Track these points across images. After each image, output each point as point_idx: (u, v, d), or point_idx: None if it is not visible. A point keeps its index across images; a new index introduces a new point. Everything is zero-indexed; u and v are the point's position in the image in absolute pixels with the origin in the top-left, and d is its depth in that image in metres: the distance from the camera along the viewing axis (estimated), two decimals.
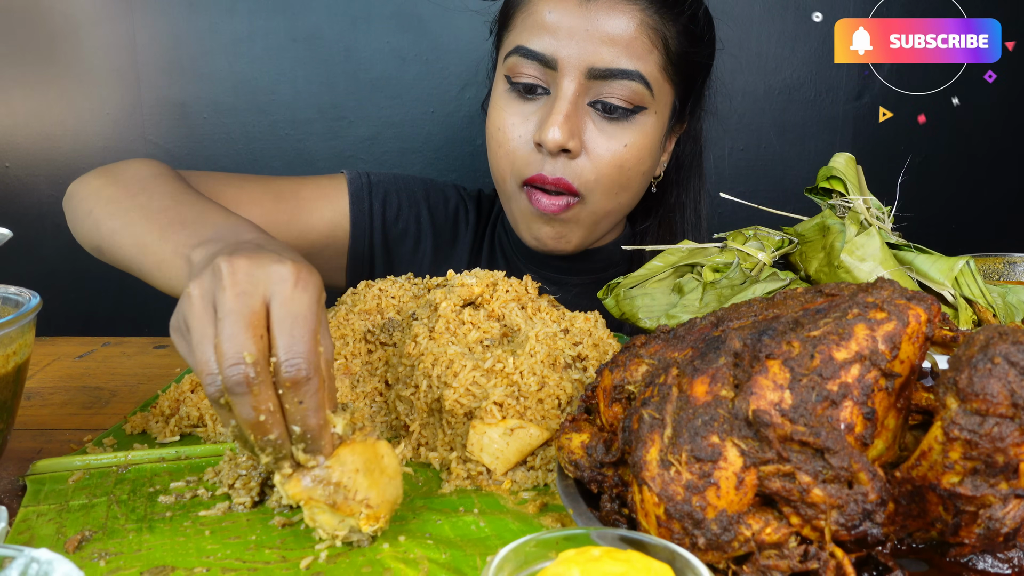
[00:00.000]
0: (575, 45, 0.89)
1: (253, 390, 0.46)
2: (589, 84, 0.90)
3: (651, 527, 0.43)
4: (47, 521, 0.55)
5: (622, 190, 0.96)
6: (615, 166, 0.93)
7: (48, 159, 1.64)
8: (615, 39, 0.89)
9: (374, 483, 0.50)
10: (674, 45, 0.93)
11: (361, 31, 1.59)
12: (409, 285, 0.83)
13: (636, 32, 0.90)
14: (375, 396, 0.72)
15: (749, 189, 1.68)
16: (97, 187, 0.83)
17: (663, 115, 0.96)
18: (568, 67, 0.89)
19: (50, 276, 1.64)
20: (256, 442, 0.48)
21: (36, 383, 0.85)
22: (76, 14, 1.57)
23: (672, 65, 0.94)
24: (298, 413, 0.48)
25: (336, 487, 0.49)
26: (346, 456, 0.50)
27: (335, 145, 1.62)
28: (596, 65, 0.89)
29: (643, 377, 0.51)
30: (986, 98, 1.71)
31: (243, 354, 0.46)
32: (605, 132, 0.92)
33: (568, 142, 0.89)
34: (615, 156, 0.92)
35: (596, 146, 0.92)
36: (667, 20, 0.92)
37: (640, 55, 0.90)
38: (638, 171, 0.95)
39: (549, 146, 0.89)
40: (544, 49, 0.90)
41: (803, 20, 1.64)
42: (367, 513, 0.50)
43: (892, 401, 0.45)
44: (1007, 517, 0.41)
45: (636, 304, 0.83)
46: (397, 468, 0.52)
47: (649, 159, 0.96)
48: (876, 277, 0.56)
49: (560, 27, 0.89)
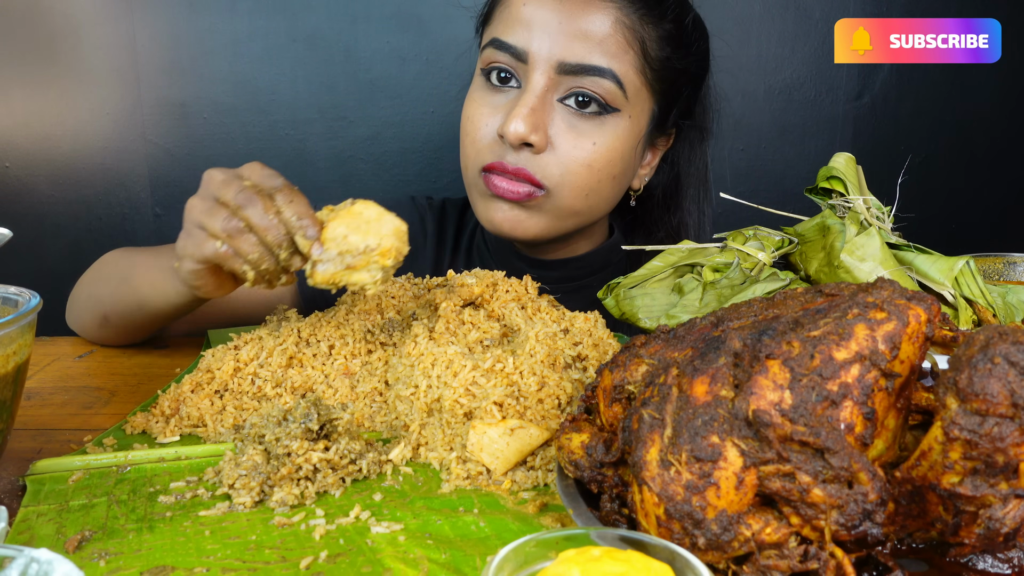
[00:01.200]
0: (547, 38, 0.88)
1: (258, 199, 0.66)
2: (560, 79, 0.89)
3: (651, 527, 0.43)
4: (47, 521, 0.55)
5: (592, 192, 0.93)
6: (583, 164, 0.91)
7: (48, 159, 1.64)
8: (588, 35, 0.88)
9: (366, 232, 0.64)
10: (653, 49, 0.91)
11: (361, 31, 1.59)
12: (409, 285, 0.83)
13: (611, 30, 0.88)
14: (375, 396, 0.72)
15: (749, 189, 1.68)
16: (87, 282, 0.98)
17: (639, 121, 0.94)
18: (538, 60, 0.88)
19: (50, 276, 1.64)
20: (272, 243, 0.65)
21: (36, 383, 0.85)
22: (76, 14, 1.57)
23: (651, 70, 0.92)
24: (290, 209, 0.66)
25: (341, 255, 0.64)
26: (333, 229, 0.64)
27: (335, 145, 1.62)
28: (567, 60, 0.88)
29: (643, 377, 0.51)
30: (986, 98, 1.71)
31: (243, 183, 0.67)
32: (575, 129, 0.90)
33: (531, 135, 0.88)
34: (583, 154, 0.90)
35: (563, 142, 0.90)
36: (646, 22, 0.90)
37: (614, 53, 0.89)
38: (607, 174, 0.93)
39: (510, 138, 0.88)
40: (517, 42, 0.89)
41: (803, 20, 1.64)
42: (378, 252, 0.63)
43: (892, 401, 0.45)
44: (1007, 517, 0.41)
45: (636, 304, 0.83)
46: (378, 210, 0.65)
47: (620, 163, 0.94)
48: (876, 277, 0.56)
49: (534, 20, 0.89)
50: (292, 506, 0.57)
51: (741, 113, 1.68)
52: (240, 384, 0.73)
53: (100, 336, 0.97)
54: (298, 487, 0.58)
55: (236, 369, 0.74)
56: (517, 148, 0.90)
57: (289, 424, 0.60)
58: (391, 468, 0.63)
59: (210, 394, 0.73)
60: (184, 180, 1.65)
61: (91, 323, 0.96)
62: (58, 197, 1.66)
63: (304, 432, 0.60)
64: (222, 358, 0.76)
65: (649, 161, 1.02)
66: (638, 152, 0.97)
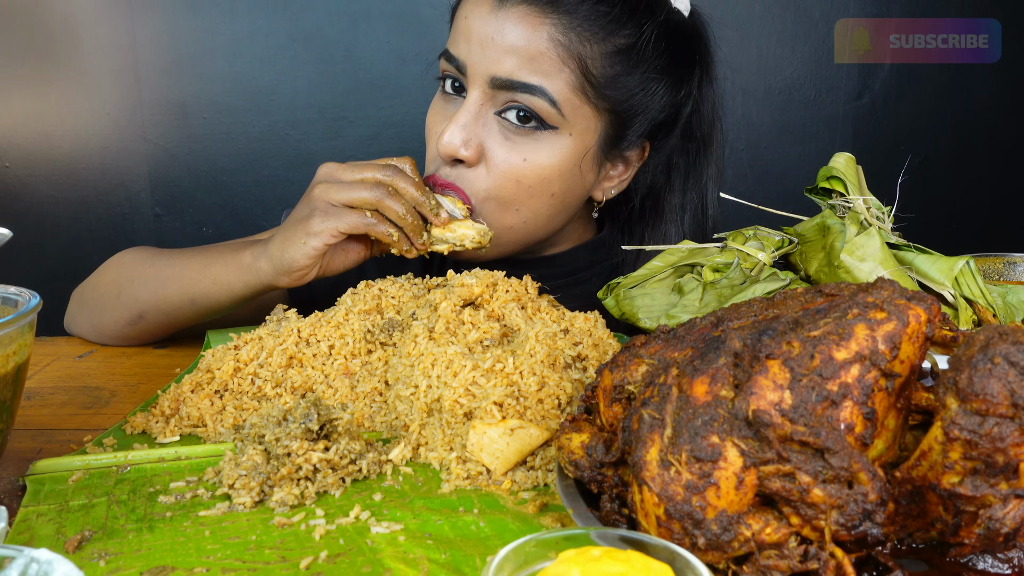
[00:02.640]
0: (482, 53, 0.87)
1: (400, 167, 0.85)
2: (494, 93, 0.88)
3: (651, 527, 0.43)
4: (47, 521, 0.55)
5: (523, 207, 0.91)
6: (512, 179, 0.89)
7: (48, 159, 1.64)
8: (519, 50, 0.86)
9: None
10: (596, 67, 0.88)
11: (361, 31, 1.59)
12: (409, 285, 0.83)
13: (545, 47, 0.86)
14: (375, 396, 0.72)
15: (749, 189, 1.68)
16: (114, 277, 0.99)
17: (583, 139, 0.91)
18: (474, 74, 0.88)
19: (50, 276, 1.64)
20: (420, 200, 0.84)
21: (36, 383, 0.85)
22: (76, 14, 1.57)
23: (592, 88, 0.89)
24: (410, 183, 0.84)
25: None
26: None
27: (335, 145, 1.62)
28: (498, 74, 0.87)
29: (643, 377, 0.51)
30: (986, 98, 1.71)
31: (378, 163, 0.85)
32: (508, 142, 0.89)
33: (461, 150, 0.87)
34: (512, 169, 0.89)
35: (495, 155, 0.89)
36: (587, 40, 0.87)
37: (546, 71, 0.87)
38: (542, 191, 0.91)
39: (441, 152, 0.88)
40: (458, 54, 0.89)
41: (803, 20, 1.64)
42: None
43: (892, 401, 0.45)
44: (1007, 517, 0.41)
45: (636, 304, 0.83)
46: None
47: (559, 181, 0.91)
48: (876, 277, 0.56)
49: (472, 33, 0.88)
50: (292, 506, 0.57)
51: (741, 113, 1.68)
52: (240, 384, 0.73)
53: (123, 334, 0.97)
54: (298, 487, 0.58)
55: (236, 369, 0.74)
56: (449, 163, 0.90)
57: (289, 424, 0.60)
58: (391, 468, 0.63)
59: (210, 394, 0.73)
60: (184, 180, 1.66)
61: (118, 322, 0.96)
62: (58, 197, 1.66)
63: (304, 432, 0.60)
64: (222, 358, 0.76)
65: (620, 173, 0.99)
66: (585, 169, 0.94)
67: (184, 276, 0.92)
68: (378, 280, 0.84)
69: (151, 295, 0.94)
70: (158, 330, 0.98)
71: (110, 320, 0.97)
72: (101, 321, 0.98)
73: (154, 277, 0.95)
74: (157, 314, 0.94)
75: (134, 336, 0.98)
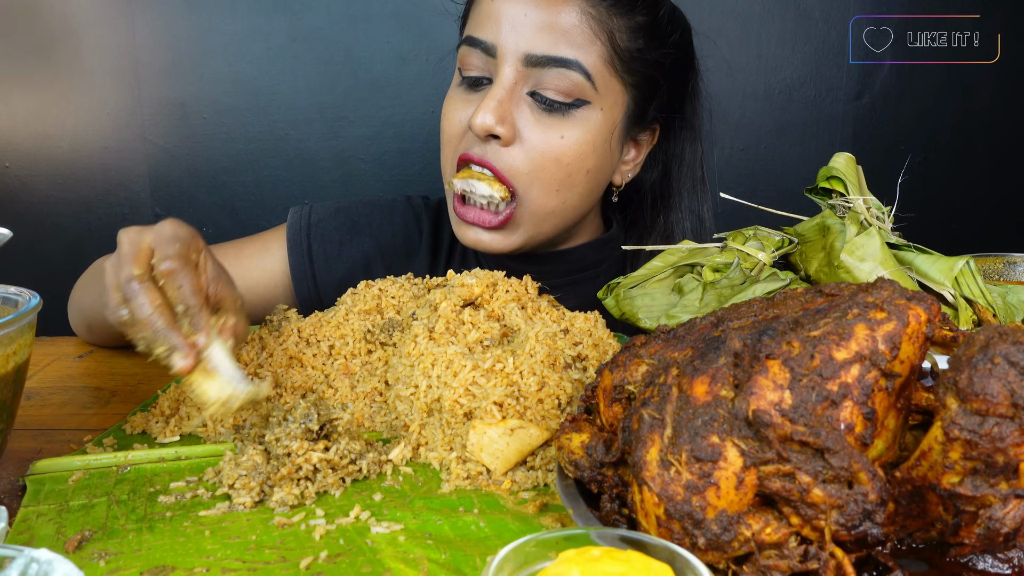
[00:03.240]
0: (513, 32, 0.89)
1: (142, 291, 0.62)
2: (527, 72, 0.89)
3: (651, 527, 0.43)
4: (47, 521, 0.55)
5: (563, 187, 0.93)
6: (552, 159, 0.91)
7: (48, 159, 1.64)
8: (553, 27, 0.88)
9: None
10: (623, 40, 0.91)
11: (361, 31, 1.59)
12: (409, 285, 0.83)
13: (576, 21, 0.89)
14: (375, 396, 0.72)
15: (749, 189, 1.68)
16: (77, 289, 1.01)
17: (612, 113, 0.94)
18: (506, 53, 0.89)
19: (50, 276, 1.64)
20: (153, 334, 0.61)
21: (36, 383, 0.85)
22: (76, 14, 1.57)
23: (620, 61, 0.92)
24: (179, 296, 0.62)
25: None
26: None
27: (335, 145, 1.62)
28: (533, 52, 0.88)
29: (643, 377, 0.51)
30: (986, 98, 1.71)
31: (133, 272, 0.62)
32: (542, 123, 0.90)
33: (497, 127, 0.88)
34: (551, 148, 0.90)
35: (531, 136, 0.90)
36: (614, 13, 0.90)
37: (580, 44, 0.89)
38: (579, 168, 0.93)
39: (477, 130, 0.89)
40: (486, 36, 0.90)
41: (803, 20, 1.64)
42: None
43: (892, 401, 0.45)
44: (1007, 517, 0.41)
45: (636, 304, 0.83)
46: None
47: (593, 156, 0.93)
48: (876, 277, 0.56)
49: (502, 15, 0.90)
50: (292, 506, 0.57)
51: (741, 113, 1.68)
52: None
53: (90, 340, 1.00)
54: (298, 487, 0.58)
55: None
56: (484, 140, 0.91)
57: (289, 424, 0.60)
58: (391, 468, 0.63)
59: None
60: (184, 180, 1.66)
61: (80, 328, 1.01)
62: (58, 197, 1.66)
63: (304, 432, 0.60)
64: None
65: (634, 157, 1.02)
66: (614, 145, 0.96)
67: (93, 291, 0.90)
68: (378, 280, 0.84)
69: (90, 307, 0.94)
70: (107, 338, 0.97)
71: (77, 325, 1.01)
72: (76, 328, 1.02)
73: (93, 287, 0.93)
74: (99, 327, 0.95)
75: (94, 341, 1.00)
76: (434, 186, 1.55)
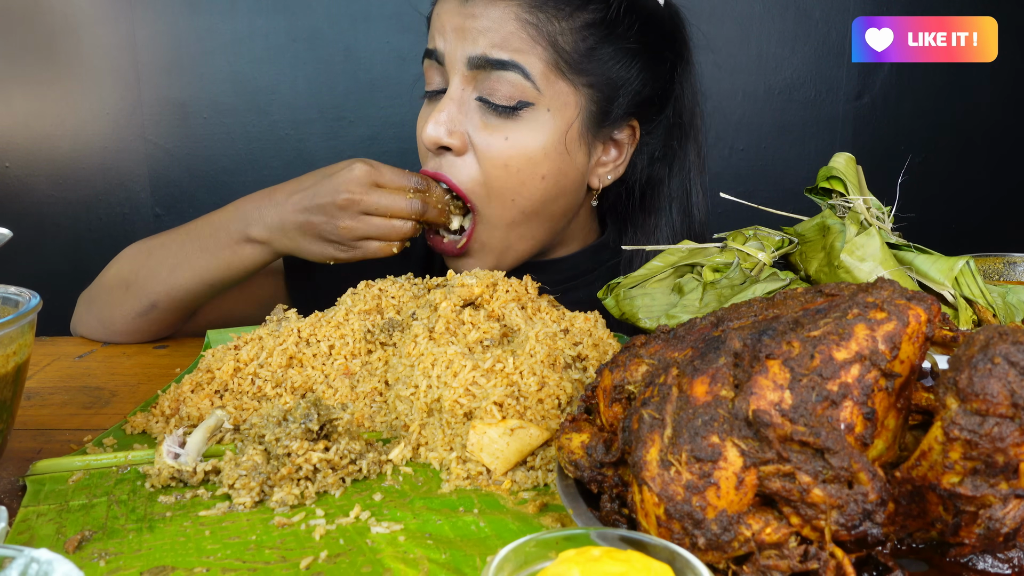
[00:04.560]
0: (456, 39, 0.90)
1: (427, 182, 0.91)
2: (474, 76, 0.90)
3: (651, 527, 0.43)
4: (47, 521, 0.55)
5: (518, 196, 0.92)
6: (500, 165, 0.90)
7: (48, 159, 1.64)
8: (490, 32, 0.89)
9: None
10: (568, 43, 0.90)
11: (361, 31, 1.59)
12: (409, 285, 0.83)
13: (513, 28, 0.89)
14: (375, 396, 0.72)
15: (749, 189, 1.68)
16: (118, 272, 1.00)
17: (562, 115, 0.91)
18: (452, 61, 0.90)
19: (50, 276, 1.64)
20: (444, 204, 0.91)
21: (36, 383, 0.85)
22: (76, 14, 1.57)
23: (567, 63, 0.90)
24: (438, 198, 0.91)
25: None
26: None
27: (335, 145, 1.62)
28: (472, 54, 0.89)
29: (643, 377, 0.51)
30: (986, 98, 1.71)
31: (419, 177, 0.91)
32: (488, 126, 0.90)
33: (445, 138, 0.89)
34: (497, 151, 0.90)
35: (479, 141, 0.90)
36: (553, 18, 0.89)
37: (517, 48, 0.89)
38: (532, 173, 0.91)
39: (426, 142, 0.91)
40: (435, 46, 0.92)
41: (803, 20, 1.64)
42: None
43: (892, 401, 0.45)
44: (1007, 517, 0.41)
45: (636, 304, 0.83)
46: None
47: (545, 161, 0.91)
48: (876, 277, 0.56)
49: (445, 25, 0.91)
50: (292, 506, 0.57)
51: (741, 113, 1.68)
52: (240, 384, 0.73)
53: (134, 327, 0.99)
54: (298, 487, 0.58)
55: (236, 369, 0.74)
56: (436, 152, 0.92)
57: (289, 424, 0.60)
58: (391, 468, 0.63)
59: (210, 394, 0.73)
60: (184, 180, 1.66)
61: (128, 314, 0.98)
62: (58, 197, 1.66)
63: (304, 432, 0.60)
64: (222, 358, 0.76)
65: (614, 158, 0.99)
66: (571, 148, 0.93)
67: (194, 263, 0.95)
68: (378, 280, 0.84)
69: (162, 285, 0.96)
70: (170, 317, 0.99)
71: (120, 314, 0.98)
72: (111, 317, 0.99)
73: (162, 267, 0.97)
74: (170, 301, 0.97)
75: (144, 328, 0.99)
76: None
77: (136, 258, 1.00)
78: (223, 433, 0.67)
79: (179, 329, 1.04)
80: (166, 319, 0.99)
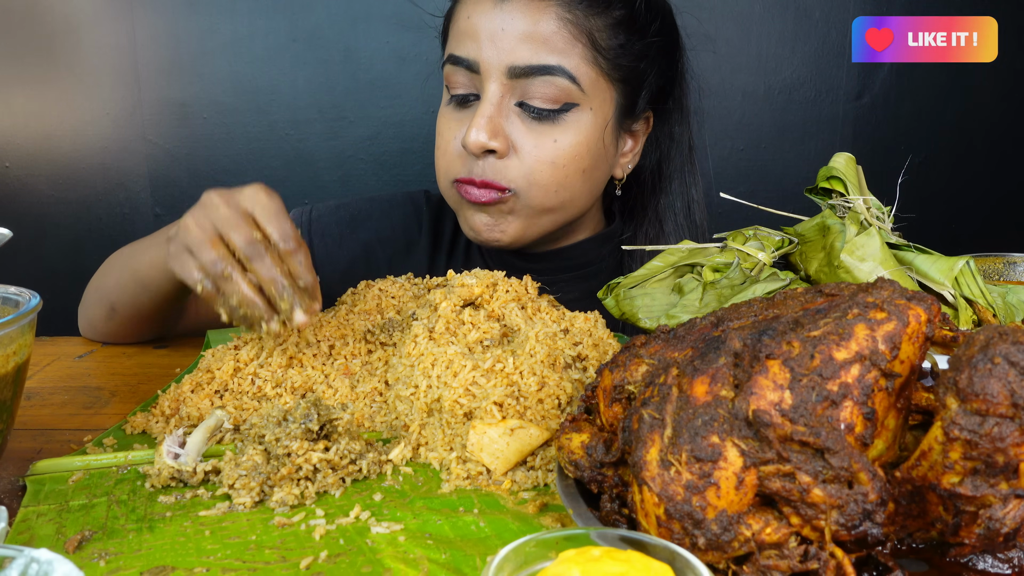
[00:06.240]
0: (493, 47, 0.89)
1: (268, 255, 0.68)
2: (513, 84, 0.90)
3: (651, 527, 0.43)
4: (47, 521, 0.55)
5: (561, 188, 0.94)
6: (547, 163, 0.92)
7: (48, 159, 1.64)
8: (532, 36, 0.89)
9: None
10: (604, 39, 0.91)
11: (361, 31, 1.59)
12: (409, 285, 0.83)
13: (554, 28, 0.89)
14: (375, 396, 0.72)
15: (749, 189, 1.68)
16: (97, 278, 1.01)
17: (602, 112, 0.94)
18: (490, 69, 0.90)
19: (50, 276, 1.64)
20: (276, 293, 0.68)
21: (36, 383, 0.85)
22: (76, 14, 1.57)
23: (604, 59, 0.92)
24: (299, 272, 0.68)
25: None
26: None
27: (335, 145, 1.62)
28: (515, 63, 0.89)
29: (643, 377, 0.51)
30: (986, 98, 1.71)
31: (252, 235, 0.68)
32: (534, 131, 0.91)
33: (491, 142, 0.89)
34: (546, 153, 0.91)
35: (524, 144, 0.91)
36: (590, 14, 0.91)
37: (561, 50, 0.89)
38: (575, 168, 0.94)
39: (471, 148, 0.90)
40: (467, 54, 0.91)
41: (803, 20, 1.64)
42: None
43: (892, 401, 0.45)
44: (1007, 517, 0.41)
45: (636, 304, 0.83)
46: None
47: (588, 156, 0.94)
48: (876, 277, 0.56)
49: (479, 31, 0.90)
50: (292, 506, 0.57)
51: (741, 113, 1.68)
52: (240, 384, 0.73)
53: (108, 330, 0.99)
54: (298, 487, 0.58)
55: (236, 369, 0.74)
56: (480, 157, 0.92)
57: (289, 424, 0.60)
58: (391, 468, 0.63)
59: (210, 394, 0.73)
60: (184, 180, 1.66)
61: (100, 317, 0.98)
62: (58, 197, 1.66)
63: (304, 432, 0.60)
64: (222, 358, 0.76)
65: (631, 148, 1.02)
66: (607, 142, 0.97)
67: (134, 262, 0.93)
68: (378, 280, 0.84)
69: (115, 285, 0.95)
70: (132, 323, 0.97)
71: (96, 317, 0.99)
72: (92, 319, 1.00)
73: (117, 267, 0.97)
74: (124, 307, 0.96)
75: (111, 331, 0.99)
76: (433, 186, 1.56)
77: (109, 262, 1.01)
78: (223, 433, 0.67)
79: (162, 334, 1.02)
80: (127, 324, 0.98)
